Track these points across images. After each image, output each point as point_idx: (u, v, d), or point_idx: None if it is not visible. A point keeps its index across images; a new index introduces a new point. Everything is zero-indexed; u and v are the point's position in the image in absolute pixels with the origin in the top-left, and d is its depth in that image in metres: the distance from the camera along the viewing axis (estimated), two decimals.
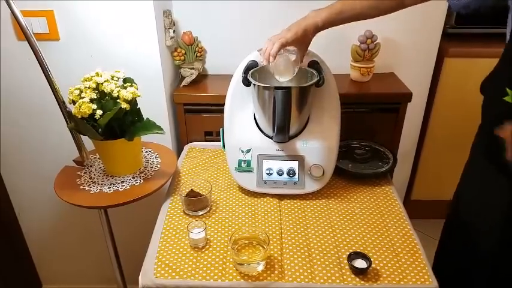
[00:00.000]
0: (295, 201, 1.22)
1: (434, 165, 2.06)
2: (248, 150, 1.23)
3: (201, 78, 1.64)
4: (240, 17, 1.59)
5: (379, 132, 1.52)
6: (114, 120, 1.13)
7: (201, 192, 1.21)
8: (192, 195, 1.19)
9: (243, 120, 1.26)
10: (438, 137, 1.97)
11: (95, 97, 1.11)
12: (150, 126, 1.19)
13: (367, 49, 1.55)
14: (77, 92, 1.12)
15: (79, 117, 1.09)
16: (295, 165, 1.21)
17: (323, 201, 1.23)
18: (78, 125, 1.15)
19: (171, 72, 1.57)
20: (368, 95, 1.54)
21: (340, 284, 0.95)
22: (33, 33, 1.13)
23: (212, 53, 1.65)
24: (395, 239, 1.08)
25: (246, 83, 1.19)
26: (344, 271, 0.98)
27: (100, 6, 1.30)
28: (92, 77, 1.13)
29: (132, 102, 1.15)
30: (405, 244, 1.06)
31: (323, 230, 1.11)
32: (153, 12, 1.32)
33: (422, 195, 2.16)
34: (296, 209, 1.19)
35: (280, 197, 1.23)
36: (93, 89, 1.12)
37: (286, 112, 1.11)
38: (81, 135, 1.25)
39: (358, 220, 1.15)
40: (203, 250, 1.05)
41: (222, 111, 1.27)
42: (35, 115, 1.47)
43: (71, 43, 1.36)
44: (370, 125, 1.53)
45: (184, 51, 1.54)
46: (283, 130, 1.15)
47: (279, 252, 1.03)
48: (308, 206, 1.20)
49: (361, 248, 1.05)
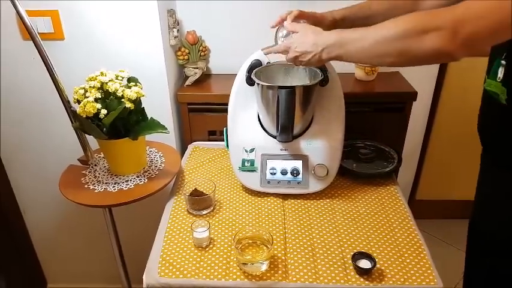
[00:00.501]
0: (299, 201, 1.21)
1: (439, 165, 2.05)
2: (252, 150, 1.23)
3: (205, 77, 1.64)
4: (244, 16, 1.59)
5: (384, 131, 1.52)
6: (119, 120, 1.13)
7: (204, 191, 1.21)
8: (195, 194, 1.19)
9: (247, 119, 1.26)
10: (443, 137, 1.96)
11: (100, 96, 1.12)
12: (154, 126, 1.20)
13: None
14: (82, 91, 1.13)
15: (84, 116, 1.10)
16: (299, 164, 1.21)
17: (327, 201, 1.22)
18: (82, 125, 1.15)
19: (175, 72, 1.57)
20: (373, 94, 1.53)
21: (345, 284, 0.95)
22: (38, 33, 1.14)
23: (216, 52, 1.65)
24: (400, 239, 1.07)
25: (249, 82, 1.19)
26: (348, 271, 0.98)
27: (104, 6, 1.31)
28: (97, 76, 1.14)
29: (137, 101, 1.16)
30: (410, 244, 1.06)
31: (327, 229, 1.11)
32: (157, 12, 1.32)
33: (427, 195, 2.16)
34: (300, 209, 1.19)
35: (284, 196, 1.23)
36: (98, 89, 1.12)
37: (290, 111, 1.11)
38: (86, 135, 1.25)
39: (363, 220, 1.14)
40: (207, 249, 1.05)
41: (225, 111, 1.27)
42: (40, 114, 1.48)
43: (75, 43, 1.36)
44: (374, 124, 1.53)
45: (188, 50, 1.54)
46: (287, 129, 1.15)
47: (283, 252, 1.03)
48: (312, 205, 1.20)
49: (366, 248, 1.04)
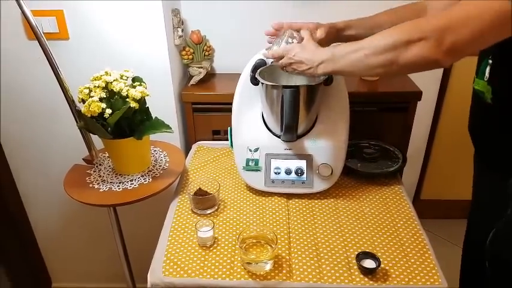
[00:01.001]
0: (303, 201, 1.21)
1: (444, 165, 2.04)
2: (256, 149, 1.23)
3: (209, 77, 1.64)
4: (248, 16, 1.59)
5: (389, 131, 1.51)
6: (123, 119, 1.14)
7: (209, 191, 1.21)
8: (200, 193, 1.19)
9: (251, 119, 1.26)
10: (448, 136, 1.95)
11: (104, 96, 1.12)
12: (159, 125, 1.20)
13: None
14: (87, 91, 1.13)
15: (88, 116, 1.10)
16: (303, 164, 1.21)
17: (331, 200, 1.22)
18: (87, 124, 1.15)
19: (179, 71, 1.57)
20: (377, 93, 1.52)
21: (349, 284, 0.95)
22: (43, 33, 1.14)
23: (220, 52, 1.65)
24: (404, 239, 1.07)
25: (254, 81, 1.19)
26: (353, 271, 0.98)
27: (109, 6, 1.31)
28: (101, 76, 1.14)
29: (141, 101, 1.16)
30: (414, 244, 1.05)
31: (331, 229, 1.11)
32: (162, 11, 1.32)
33: (431, 195, 2.15)
34: (304, 209, 1.18)
35: (288, 196, 1.23)
36: (103, 88, 1.13)
37: (294, 111, 1.11)
38: (91, 134, 1.25)
39: (367, 220, 1.14)
40: (211, 249, 1.05)
41: (230, 110, 1.27)
42: (45, 114, 1.48)
43: (80, 42, 1.37)
44: (379, 124, 1.52)
45: (192, 50, 1.54)
46: (291, 129, 1.15)
47: (287, 252, 1.03)
48: (316, 205, 1.20)
49: (370, 247, 1.04)
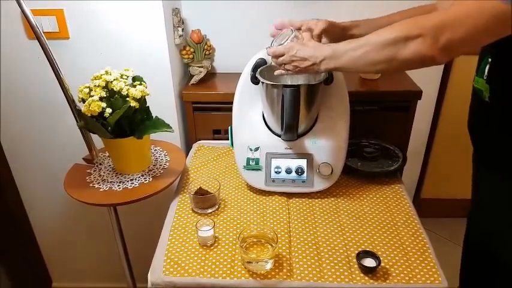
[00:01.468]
0: (303, 200, 1.21)
1: (444, 164, 2.05)
2: (256, 149, 1.23)
3: (210, 76, 1.64)
4: (249, 15, 1.59)
5: (389, 130, 1.51)
6: (124, 119, 1.14)
7: (209, 190, 1.21)
8: (200, 193, 1.19)
9: (252, 118, 1.26)
10: (448, 135, 1.96)
11: (105, 95, 1.12)
12: (159, 125, 1.20)
13: None
14: (87, 90, 1.13)
15: (89, 115, 1.10)
16: (303, 163, 1.21)
17: (332, 199, 1.22)
18: (87, 123, 1.15)
19: (179, 71, 1.57)
20: (378, 93, 1.53)
21: (349, 283, 0.95)
22: (43, 32, 1.14)
23: (221, 51, 1.65)
24: (404, 238, 1.07)
25: (254, 81, 1.19)
26: (353, 270, 0.98)
27: (109, 5, 1.31)
28: (102, 75, 1.14)
29: (141, 100, 1.16)
30: (415, 243, 1.05)
31: (332, 228, 1.11)
32: (162, 11, 1.32)
33: (432, 194, 2.15)
34: (304, 208, 1.19)
35: (288, 195, 1.23)
36: (103, 88, 1.13)
37: (294, 110, 1.11)
38: (91, 134, 1.25)
39: (367, 219, 1.14)
40: (212, 248, 1.05)
41: (230, 110, 1.27)
42: (45, 113, 1.48)
43: (80, 42, 1.37)
44: (379, 123, 1.52)
45: (193, 49, 1.54)
46: (291, 128, 1.15)
47: (288, 251, 1.03)
48: (317, 204, 1.20)
49: (370, 246, 1.04)
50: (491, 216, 1.03)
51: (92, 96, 1.11)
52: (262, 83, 1.15)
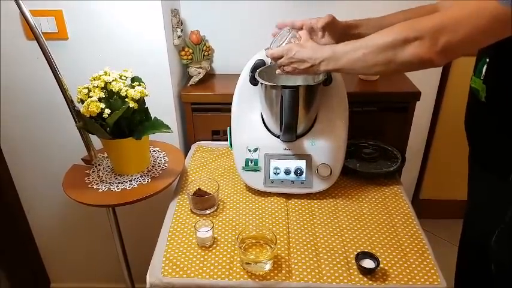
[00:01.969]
0: (302, 201, 1.21)
1: (443, 165, 2.05)
2: (255, 150, 1.23)
3: (209, 77, 1.64)
4: (248, 16, 1.59)
5: (388, 131, 1.51)
6: (123, 119, 1.14)
7: (208, 191, 1.21)
8: (199, 194, 1.19)
9: (250, 119, 1.26)
10: (447, 136, 1.96)
11: (103, 96, 1.12)
12: (158, 125, 1.20)
13: None
14: (86, 91, 1.13)
15: (87, 116, 1.10)
16: (302, 164, 1.21)
17: (330, 200, 1.22)
18: (86, 124, 1.15)
19: (178, 72, 1.57)
20: (376, 94, 1.53)
21: (348, 284, 0.95)
22: (42, 33, 1.14)
23: (219, 52, 1.65)
24: (403, 239, 1.07)
25: (253, 82, 1.19)
26: (352, 271, 0.98)
27: (108, 6, 1.31)
28: (100, 76, 1.14)
29: (140, 101, 1.16)
30: (413, 244, 1.05)
31: (330, 229, 1.11)
32: (161, 12, 1.32)
33: (430, 195, 2.15)
34: (303, 209, 1.18)
35: (287, 196, 1.23)
36: (102, 88, 1.12)
37: (293, 111, 1.11)
38: (90, 134, 1.25)
39: (366, 220, 1.14)
40: (210, 249, 1.05)
41: (229, 110, 1.27)
42: (44, 114, 1.48)
43: (79, 42, 1.36)
44: (378, 124, 1.52)
45: (191, 50, 1.54)
46: (290, 129, 1.15)
47: (286, 252, 1.03)
48: (315, 205, 1.20)
49: (369, 247, 1.04)
50: (487, 216, 1.03)
51: (91, 96, 1.10)
52: (261, 84, 1.15)
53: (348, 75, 1.48)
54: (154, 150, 1.37)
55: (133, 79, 1.20)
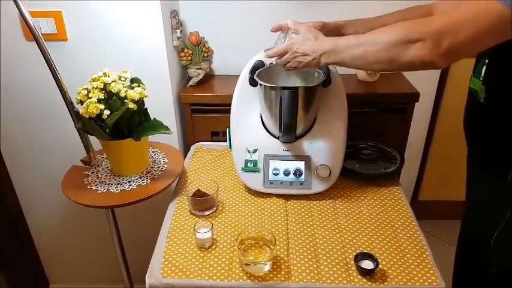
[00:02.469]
0: (301, 202, 1.21)
1: (441, 166, 2.05)
2: (254, 151, 1.23)
3: (208, 78, 1.64)
4: (247, 17, 1.59)
5: (387, 132, 1.52)
6: (122, 120, 1.14)
7: (207, 192, 1.21)
8: (198, 195, 1.19)
9: (250, 120, 1.26)
10: (446, 137, 1.96)
11: (103, 97, 1.12)
12: (157, 126, 1.20)
13: None
14: (85, 92, 1.13)
15: (87, 117, 1.10)
16: (301, 165, 1.21)
17: (330, 201, 1.22)
18: (85, 125, 1.15)
19: (178, 73, 1.57)
20: (375, 95, 1.53)
21: (347, 284, 0.95)
22: (42, 34, 1.14)
23: (219, 53, 1.65)
24: (402, 240, 1.07)
25: (252, 83, 1.19)
26: (351, 272, 0.98)
27: (107, 7, 1.31)
28: (100, 77, 1.14)
29: (140, 102, 1.16)
30: (412, 245, 1.05)
31: (330, 230, 1.11)
32: (160, 13, 1.32)
33: (429, 196, 2.15)
34: (302, 210, 1.19)
35: (286, 197, 1.23)
36: (101, 89, 1.13)
37: (292, 112, 1.11)
38: (89, 135, 1.25)
39: (365, 221, 1.14)
40: (210, 250, 1.05)
41: (228, 112, 1.27)
42: (43, 115, 1.48)
43: (78, 44, 1.36)
44: (377, 125, 1.52)
45: (191, 51, 1.54)
46: (289, 130, 1.15)
47: (286, 253, 1.03)
48: (315, 206, 1.20)
49: (368, 248, 1.04)
50: (485, 216, 1.03)
51: (90, 98, 1.11)
52: (261, 85, 1.15)
53: (347, 77, 1.49)
54: (153, 151, 1.37)
55: (132, 80, 1.20)
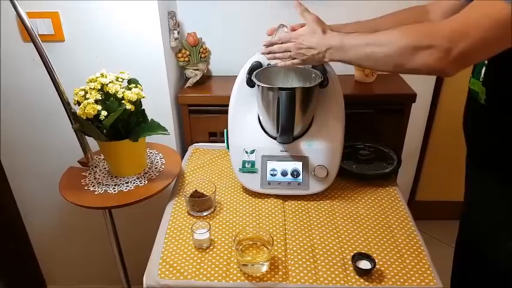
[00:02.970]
0: (299, 202, 1.22)
1: (438, 166, 2.06)
2: (252, 151, 1.23)
3: (205, 79, 1.64)
4: (244, 18, 1.59)
5: (384, 133, 1.52)
6: (119, 121, 1.14)
7: (205, 192, 1.21)
8: (196, 195, 1.19)
9: (247, 121, 1.26)
10: (443, 138, 1.97)
11: (100, 98, 1.12)
12: (155, 127, 1.20)
13: None
14: (82, 93, 1.13)
15: (84, 118, 1.10)
16: (299, 166, 1.21)
17: (327, 202, 1.22)
18: (83, 126, 1.15)
19: (175, 73, 1.57)
20: (372, 95, 1.53)
21: (345, 285, 0.95)
22: (39, 35, 1.14)
23: (216, 54, 1.65)
24: (399, 240, 1.07)
25: (250, 84, 1.19)
26: (348, 272, 0.98)
27: (105, 8, 1.31)
28: (97, 78, 1.14)
29: (137, 103, 1.16)
30: (410, 245, 1.06)
31: (327, 230, 1.11)
32: (158, 14, 1.33)
33: (426, 196, 2.16)
34: (300, 210, 1.19)
35: (284, 197, 1.23)
36: (98, 90, 1.13)
37: (290, 113, 1.11)
38: (86, 136, 1.25)
39: (363, 221, 1.14)
40: (207, 251, 1.05)
41: (226, 112, 1.27)
42: (40, 116, 1.48)
43: (76, 44, 1.36)
44: (374, 125, 1.53)
45: (188, 52, 1.55)
46: (287, 131, 1.15)
47: (283, 253, 1.03)
48: (312, 206, 1.20)
49: (366, 249, 1.05)
50: (483, 217, 1.04)
51: (88, 98, 1.11)
52: (258, 85, 1.15)
53: (344, 78, 1.49)
54: (151, 152, 1.37)
55: (130, 81, 1.20)
